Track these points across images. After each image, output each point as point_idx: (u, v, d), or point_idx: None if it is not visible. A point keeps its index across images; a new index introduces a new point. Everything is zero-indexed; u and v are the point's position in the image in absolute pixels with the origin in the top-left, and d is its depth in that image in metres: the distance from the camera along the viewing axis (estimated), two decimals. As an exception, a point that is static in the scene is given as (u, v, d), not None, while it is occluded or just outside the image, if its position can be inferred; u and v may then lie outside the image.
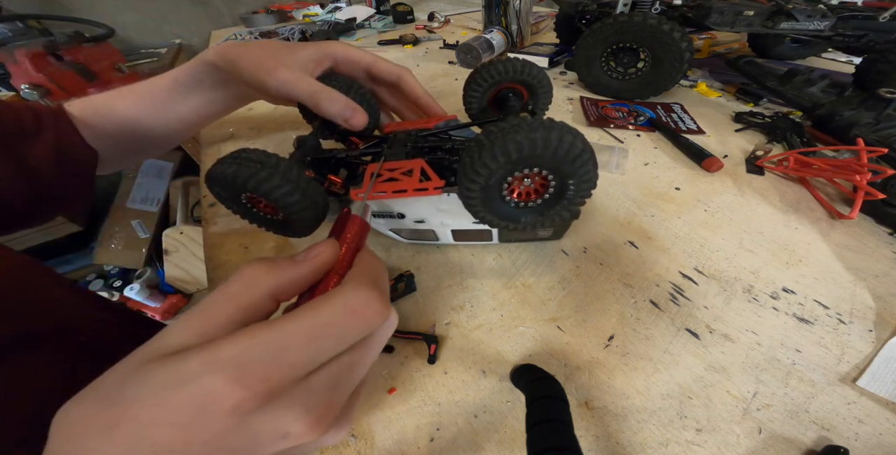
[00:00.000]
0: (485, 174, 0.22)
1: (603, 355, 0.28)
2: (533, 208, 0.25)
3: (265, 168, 0.23)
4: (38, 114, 0.33)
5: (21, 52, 0.73)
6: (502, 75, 0.35)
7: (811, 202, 0.40)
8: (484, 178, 0.22)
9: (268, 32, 0.95)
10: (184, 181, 1.17)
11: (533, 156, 0.21)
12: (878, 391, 0.25)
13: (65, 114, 0.35)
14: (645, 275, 0.33)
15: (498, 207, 0.25)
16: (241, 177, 0.23)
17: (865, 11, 0.56)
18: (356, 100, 0.34)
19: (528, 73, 0.36)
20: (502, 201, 0.25)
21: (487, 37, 0.71)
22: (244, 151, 0.25)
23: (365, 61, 0.35)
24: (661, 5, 0.56)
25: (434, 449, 0.24)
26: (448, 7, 1.19)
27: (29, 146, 0.32)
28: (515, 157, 0.21)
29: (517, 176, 0.23)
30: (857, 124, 0.43)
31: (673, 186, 0.42)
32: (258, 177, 0.23)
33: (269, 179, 0.23)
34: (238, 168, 0.23)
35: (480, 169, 0.21)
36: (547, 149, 0.21)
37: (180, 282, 1.14)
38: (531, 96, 0.38)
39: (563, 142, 0.20)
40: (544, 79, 0.37)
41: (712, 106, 0.58)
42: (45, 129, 0.33)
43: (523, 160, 0.21)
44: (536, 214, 0.25)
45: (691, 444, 0.24)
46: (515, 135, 0.20)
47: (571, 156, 0.21)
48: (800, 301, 0.31)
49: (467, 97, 0.37)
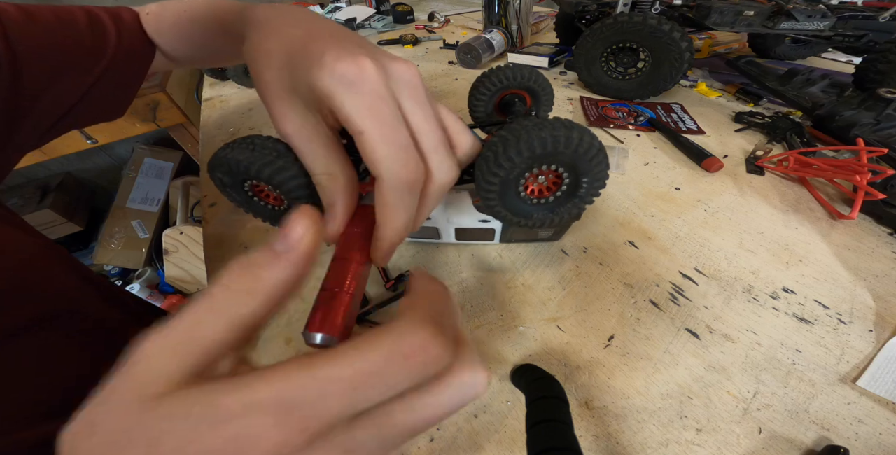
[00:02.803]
0: (507, 167, 0.22)
1: (603, 355, 0.28)
2: (545, 205, 0.26)
3: (281, 157, 0.23)
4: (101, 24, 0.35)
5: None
6: (510, 81, 0.37)
7: (811, 202, 0.40)
8: (506, 172, 0.23)
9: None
10: (184, 181, 1.17)
11: (555, 152, 0.22)
12: (878, 391, 0.25)
13: (132, 14, 0.37)
14: (645, 275, 0.33)
15: (513, 202, 0.25)
16: (255, 164, 0.22)
17: (865, 11, 0.56)
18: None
19: (533, 80, 0.38)
20: (517, 197, 0.25)
21: (487, 37, 0.71)
22: (257, 138, 0.24)
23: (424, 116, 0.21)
24: (661, 5, 0.56)
25: (434, 449, 0.24)
26: (448, 7, 1.19)
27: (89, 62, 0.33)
28: (539, 152, 0.22)
29: (534, 172, 0.24)
30: (857, 124, 0.43)
31: (673, 186, 0.42)
32: (275, 165, 0.22)
33: (287, 168, 0.22)
34: (252, 154, 0.23)
35: (504, 162, 0.22)
36: (569, 146, 0.22)
37: (180, 282, 1.14)
38: (534, 101, 0.40)
39: (583, 141, 0.21)
40: (547, 85, 0.39)
41: (712, 106, 0.58)
42: (108, 29, 0.34)
43: (545, 156, 0.22)
44: (548, 211, 0.26)
45: (691, 444, 0.24)
46: (540, 132, 0.21)
47: (590, 154, 0.22)
48: (800, 301, 0.31)
49: (474, 100, 0.39)
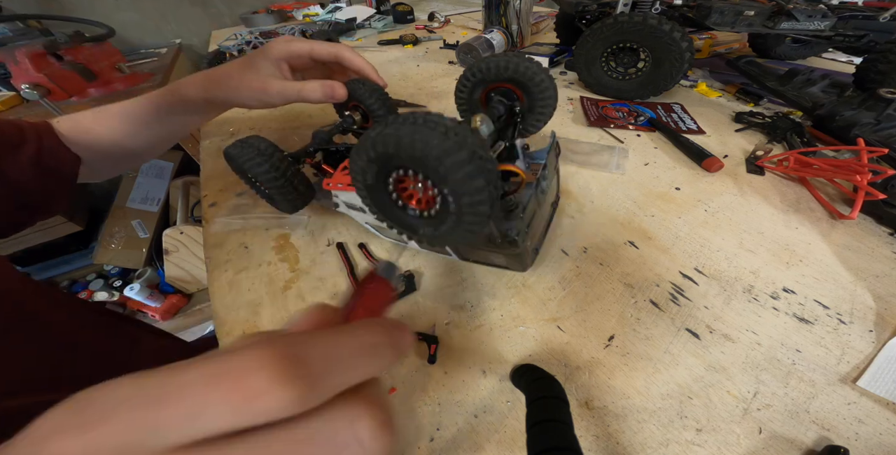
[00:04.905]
0: (357, 170, 0.21)
1: (603, 355, 0.28)
2: (427, 219, 0.22)
3: (260, 155, 0.31)
4: (20, 128, 0.36)
5: (21, 52, 0.72)
6: (485, 73, 0.32)
7: (811, 202, 0.40)
8: (360, 175, 0.21)
9: (268, 32, 0.95)
10: (184, 181, 1.17)
11: (389, 155, 0.19)
12: (878, 391, 0.25)
13: (50, 127, 0.38)
14: (645, 275, 0.33)
15: (392, 212, 0.23)
16: (240, 158, 0.31)
17: (865, 11, 0.56)
18: (375, 97, 0.39)
19: (513, 69, 0.31)
20: (395, 205, 0.22)
21: (487, 37, 0.71)
22: (251, 138, 0.32)
23: (304, 50, 0.38)
24: (662, 5, 0.56)
25: (434, 449, 0.24)
26: (448, 7, 1.19)
27: (10, 158, 0.34)
28: (373, 154, 0.19)
29: (401, 176, 0.20)
30: (857, 124, 0.43)
31: (673, 186, 0.42)
32: (252, 161, 0.31)
33: (260, 165, 0.31)
34: (241, 151, 0.31)
35: (353, 165, 0.21)
36: (399, 147, 0.18)
37: (180, 282, 1.14)
38: (527, 97, 0.33)
39: (415, 139, 0.17)
40: (538, 74, 0.31)
41: (712, 106, 0.57)
42: (28, 142, 0.35)
43: (386, 158, 0.19)
44: (431, 227, 0.22)
45: (691, 444, 0.24)
46: (372, 131, 0.19)
47: (430, 157, 0.17)
48: (800, 301, 0.31)
49: (457, 98, 0.37)
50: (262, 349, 0.09)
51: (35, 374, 0.32)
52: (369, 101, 0.39)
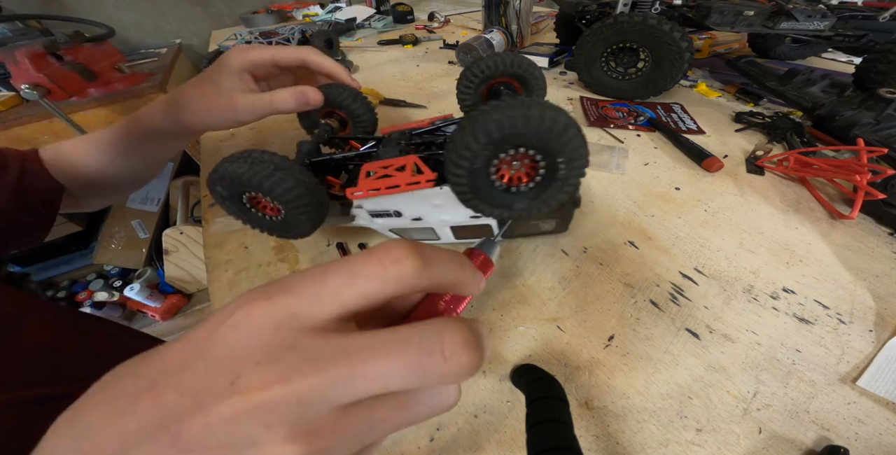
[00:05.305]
0: (468, 156, 0.21)
1: (603, 355, 0.28)
2: (525, 193, 0.24)
3: (280, 170, 0.25)
4: (2, 154, 0.35)
5: (21, 52, 0.72)
6: (493, 69, 0.36)
7: (811, 202, 0.40)
8: (468, 161, 0.21)
9: (268, 32, 0.95)
10: (184, 181, 1.17)
11: (515, 134, 0.20)
12: (878, 391, 0.25)
13: (35, 154, 0.37)
14: (645, 275, 0.33)
15: (489, 194, 0.24)
16: (256, 176, 0.25)
17: (865, 11, 0.56)
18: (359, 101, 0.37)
19: (517, 65, 0.36)
20: (492, 187, 0.24)
21: (487, 37, 0.71)
22: (254, 152, 0.26)
23: (265, 57, 0.35)
24: (661, 5, 0.56)
25: (434, 449, 0.24)
26: (448, 7, 1.19)
27: None
28: (497, 136, 0.20)
29: (504, 158, 0.22)
30: (857, 124, 0.43)
31: (673, 186, 0.42)
32: (273, 178, 0.25)
33: (285, 181, 0.25)
34: (250, 167, 0.25)
35: (464, 151, 0.21)
36: (529, 126, 0.20)
37: (180, 282, 1.14)
38: (525, 89, 0.38)
39: (544, 117, 0.20)
40: (535, 70, 0.37)
41: (712, 106, 0.58)
42: (9, 168, 0.35)
43: (506, 139, 0.21)
44: (529, 199, 0.24)
45: (691, 444, 0.24)
46: (495, 114, 0.20)
47: (556, 131, 0.20)
48: (800, 301, 0.31)
49: (460, 94, 0.39)
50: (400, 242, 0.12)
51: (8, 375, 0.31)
52: (354, 106, 0.37)
